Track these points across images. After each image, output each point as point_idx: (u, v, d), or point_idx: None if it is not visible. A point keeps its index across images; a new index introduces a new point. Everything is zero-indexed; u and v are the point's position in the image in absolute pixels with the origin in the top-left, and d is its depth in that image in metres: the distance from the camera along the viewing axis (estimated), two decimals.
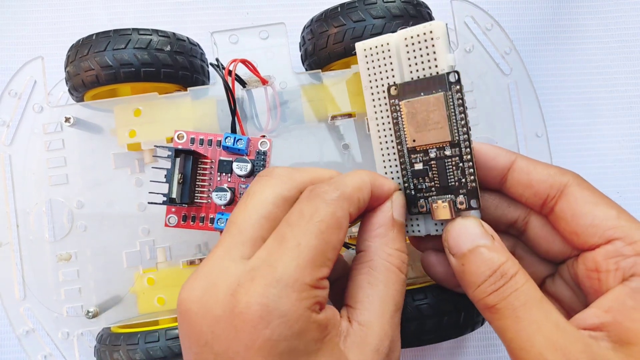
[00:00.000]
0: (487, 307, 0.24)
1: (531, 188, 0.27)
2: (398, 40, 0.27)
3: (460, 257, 0.25)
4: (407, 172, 0.28)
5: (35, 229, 0.35)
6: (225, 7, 0.45)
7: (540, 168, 0.27)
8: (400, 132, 0.28)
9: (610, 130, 0.44)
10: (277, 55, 0.36)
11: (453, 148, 0.26)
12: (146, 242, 0.35)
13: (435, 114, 0.26)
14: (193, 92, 0.35)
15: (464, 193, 0.26)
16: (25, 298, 0.35)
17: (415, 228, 0.29)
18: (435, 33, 0.26)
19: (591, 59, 0.45)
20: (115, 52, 0.33)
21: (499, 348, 0.41)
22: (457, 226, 0.26)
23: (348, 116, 0.36)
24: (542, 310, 0.23)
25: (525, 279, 0.24)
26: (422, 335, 0.32)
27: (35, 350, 0.35)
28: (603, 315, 0.23)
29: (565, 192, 0.26)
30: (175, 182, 0.30)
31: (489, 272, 0.24)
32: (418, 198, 0.28)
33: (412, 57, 0.27)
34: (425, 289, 0.32)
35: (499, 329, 0.24)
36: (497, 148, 0.28)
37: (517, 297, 0.23)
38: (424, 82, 0.27)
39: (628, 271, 0.24)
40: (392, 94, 0.27)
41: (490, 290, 0.24)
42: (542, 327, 0.22)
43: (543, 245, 0.28)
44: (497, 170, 0.27)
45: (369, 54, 0.28)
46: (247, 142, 0.31)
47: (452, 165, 0.27)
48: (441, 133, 0.26)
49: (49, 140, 0.35)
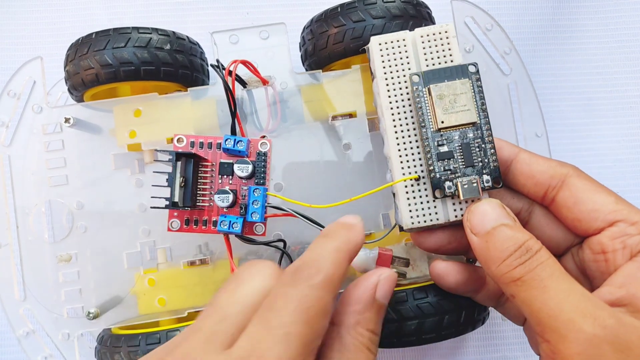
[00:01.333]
0: (512, 280, 0.24)
1: (533, 178, 0.28)
2: (415, 37, 0.30)
3: (484, 235, 0.26)
4: (431, 155, 0.29)
5: (35, 229, 0.35)
6: (225, 7, 0.45)
7: (542, 160, 0.28)
8: (424, 117, 0.29)
9: (610, 130, 0.44)
10: (277, 55, 0.36)
11: (476, 130, 0.29)
12: (146, 243, 0.35)
13: (462, 97, 0.29)
14: (193, 92, 0.35)
15: (487, 172, 0.28)
16: (25, 299, 0.35)
17: (434, 216, 0.29)
18: (450, 32, 0.30)
19: (591, 59, 0.45)
20: (115, 50, 0.33)
21: (499, 348, 0.41)
22: (481, 206, 0.27)
23: (348, 116, 0.36)
24: (569, 280, 0.24)
25: (549, 254, 0.25)
26: (423, 335, 0.32)
27: (35, 351, 0.35)
28: (617, 291, 0.24)
29: (566, 182, 0.27)
30: (177, 186, 0.30)
31: (514, 247, 0.25)
32: (444, 181, 0.29)
33: (429, 52, 0.30)
34: (426, 288, 0.32)
35: (525, 300, 0.24)
36: (502, 141, 0.29)
37: (543, 269, 0.24)
38: (447, 71, 0.29)
39: (635, 248, 0.25)
40: (415, 81, 0.29)
41: (516, 263, 0.24)
42: (570, 295, 0.23)
43: (546, 236, 0.29)
44: (501, 161, 0.29)
45: (384, 47, 0.30)
46: (247, 143, 0.31)
47: (476, 146, 0.29)
48: (468, 115, 0.28)
49: (48, 141, 0.35)
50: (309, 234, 0.35)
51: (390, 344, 0.33)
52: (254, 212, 0.30)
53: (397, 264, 0.31)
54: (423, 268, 0.33)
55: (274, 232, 0.35)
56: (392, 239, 0.34)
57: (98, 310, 0.34)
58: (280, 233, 0.35)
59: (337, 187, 0.35)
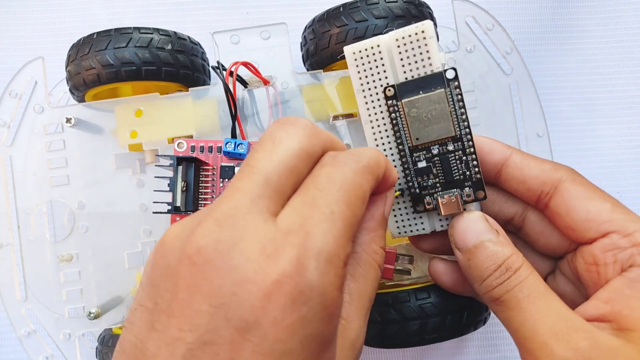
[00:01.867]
0: (492, 300, 0.25)
1: (524, 184, 0.27)
2: (389, 42, 0.27)
3: (466, 252, 0.26)
4: (410, 171, 0.28)
5: (36, 229, 0.35)
6: (226, 7, 0.45)
7: (534, 164, 0.27)
8: (400, 132, 0.27)
9: (610, 130, 0.45)
10: (278, 55, 0.36)
11: (455, 142, 0.27)
12: (148, 243, 0.35)
13: (437, 110, 0.27)
14: (194, 92, 0.35)
15: (469, 185, 0.27)
16: (26, 299, 0.35)
17: (419, 227, 0.29)
18: (427, 32, 0.26)
19: (591, 59, 0.45)
20: (117, 50, 0.33)
21: (499, 348, 0.42)
22: (462, 222, 0.26)
23: (349, 116, 0.36)
24: (546, 300, 0.23)
25: (529, 271, 0.24)
26: (425, 335, 0.32)
27: (36, 351, 0.35)
28: (603, 306, 0.24)
29: (559, 188, 0.26)
30: (179, 191, 0.30)
31: (494, 266, 0.25)
32: (423, 196, 0.28)
33: (405, 58, 0.27)
34: (429, 288, 0.32)
35: (505, 320, 0.24)
36: (494, 142, 0.28)
37: (520, 290, 0.24)
38: (421, 81, 0.27)
39: (626, 262, 0.24)
40: (389, 95, 0.27)
41: (495, 283, 0.24)
42: (545, 317, 0.23)
43: (541, 241, 0.28)
44: (491, 165, 0.28)
45: (358, 57, 0.28)
46: (247, 146, 0.31)
47: (456, 159, 0.27)
48: (444, 129, 0.27)
49: (49, 141, 0.35)
50: None
51: (393, 344, 0.33)
52: None
53: (402, 262, 0.31)
54: (424, 268, 0.33)
55: None
56: (395, 240, 0.34)
57: (99, 310, 0.34)
58: None
59: None
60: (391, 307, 0.32)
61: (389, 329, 0.32)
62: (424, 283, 0.33)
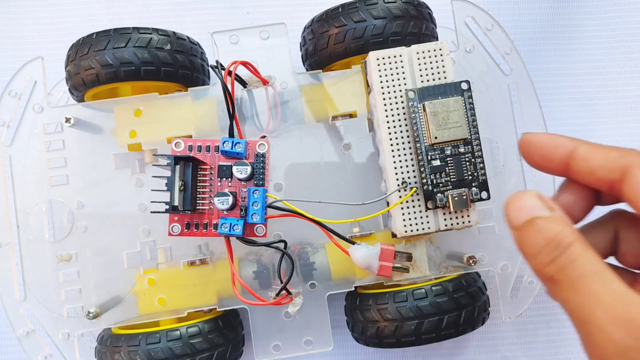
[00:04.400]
0: (546, 278, 0.24)
1: (593, 175, 0.26)
2: (411, 53, 0.32)
3: (518, 229, 0.25)
4: (425, 168, 0.31)
5: (36, 229, 0.35)
6: (225, 7, 0.45)
7: (601, 153, 0.26)
8: (419, 132, 0.31)
9: (610, 130, 0.44)
10: (277, 55, 0.36)
11: (466, 145, 0.31)
12: (147, 243, 0.35)
13: (455, 114, 0.30)
14: (193, 92, 0.35)
15: (476, 185, 0.31)
16: (25, 299, 0.35)
17: (425, 226, 0.31)
18: (444, 50, 0.32)
19: (591, 59, 0.45)
20: (116, 50, 0.33)
21: (499, 348, 0.41)
22: (515, 199, 0.25)
23: (349, 116, 0.36)
24: (602, 281, 0.22)
25: (583, 249, 0.23)
26: (422, 335, 0.32)
27: (35, 351, 0.35)
28: None
29: (628, 174, 0.25)
30: (177, 190, 0.30)
31: (543, 242, 0.23)
32: (435, 193, 0.31)
33: (424, 68, 0.32)
34: (426, 288, 0.32)
35: (561, 300, 0.23)
36: (556, 136, 0.27)
37: (574, 269, 0.23)
38: (441, 88, 0.31)
39: None
40: (410, 97, 0.31)
41: (546, 260, 0.23)
42: (602, 300, 0.22)
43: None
44: (559, 160, 0.26)
45: (381, 62, 0.31)
46: (245, 145, 0.31)
47: (466, 160, 0.31)
48: (460, 131, 0.30)
49: (49, 141, 0.35)
50: (309, 234, 0.35)
51: (390, 344, 0.33)
52: (255, 214, 0.30)
53: (400, 259, 0.32)
54: (423, 268, 0.33)
55: (273, 233, 0.35)
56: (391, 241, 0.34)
57: (98, 310, 0.34)
58: (280, 233, 0.35)
59: (338, 187, 0.35)
60: (390, 307, 0.32)
61: (386, 329, 0.32)
62: (422, 283, 0.33)
